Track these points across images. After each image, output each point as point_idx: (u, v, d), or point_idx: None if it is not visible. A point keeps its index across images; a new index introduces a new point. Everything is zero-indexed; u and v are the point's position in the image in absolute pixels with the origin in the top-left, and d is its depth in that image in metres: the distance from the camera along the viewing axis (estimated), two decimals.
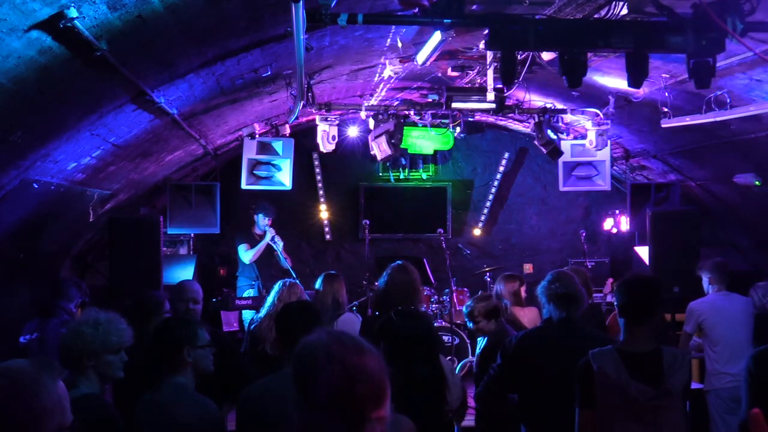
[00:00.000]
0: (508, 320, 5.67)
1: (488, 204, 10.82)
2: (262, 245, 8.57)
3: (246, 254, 8.62)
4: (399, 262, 5.20)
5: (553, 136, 8.00)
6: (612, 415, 3.45)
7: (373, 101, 8.11)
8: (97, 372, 3.25)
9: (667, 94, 6.04)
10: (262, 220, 8.72)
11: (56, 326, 5.13)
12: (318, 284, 5.70)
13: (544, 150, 8.11)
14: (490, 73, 6.59)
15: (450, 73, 6.98)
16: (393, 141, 7.64)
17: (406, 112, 8.01)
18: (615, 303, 3.67)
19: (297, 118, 7.00)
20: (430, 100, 8.08)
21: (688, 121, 6.07)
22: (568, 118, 7.94)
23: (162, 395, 3.28)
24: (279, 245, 8.41)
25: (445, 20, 4.22)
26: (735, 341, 5.77)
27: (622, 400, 3.41)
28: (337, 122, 7.71)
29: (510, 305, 5.72)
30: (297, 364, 1.74)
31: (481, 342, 5.19)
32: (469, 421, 5.97)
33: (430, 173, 10.69)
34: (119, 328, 3.34)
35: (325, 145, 7.72)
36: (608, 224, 10.05)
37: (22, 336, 5.14)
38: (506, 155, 10.77)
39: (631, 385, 3.38)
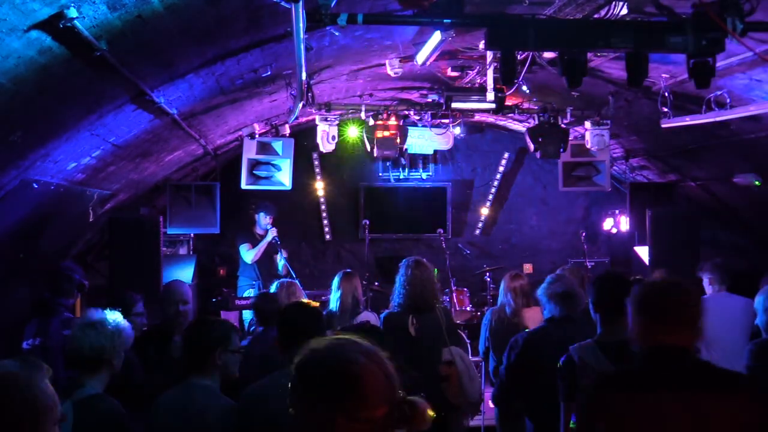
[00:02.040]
0: (511, 323, 5.69)
1: (488, 204, 10.82)
2: (263, 245, 8.59)
3: (248, 254, 8.64)
4: (414, 258, 5.26)
5: None
6: None
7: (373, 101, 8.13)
8: (112, 369, 3.29)
9: (666, 94, 6.04)
10: (264, 219, 8.73)
11: (57, 328, 5.08)
12: (336, 283, 5.71)
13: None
14: (490, 73, 6.59)
15: (450, 73, 6.98)
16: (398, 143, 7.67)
17: (406, 112, 8.02)
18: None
19: (297, 118, 7.00)
20: (430, 100, 8.08)
21: (688, 121, 6.07)
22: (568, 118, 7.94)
23: (190, 396, 3.27)
24: (283, 257, 8.45)
25: (444, 20, 4.22)
26: (731, 342, 5.76)
27: None
28: (337, 122, 7.72)
29: (516, 306, 5.73)
30: (294, 371, 1.76)
31: None
32: (474, 421, 6.00)
33: (430, 173, 10.69)
34: (127, 325, 3.43)
35: (325, 145, 7.72)
36: (608, 224, 10.06)
37: (24, 341, 5.10)
38: (506, 155, 10.77)
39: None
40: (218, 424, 3.19)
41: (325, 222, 10.51)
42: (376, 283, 9.12)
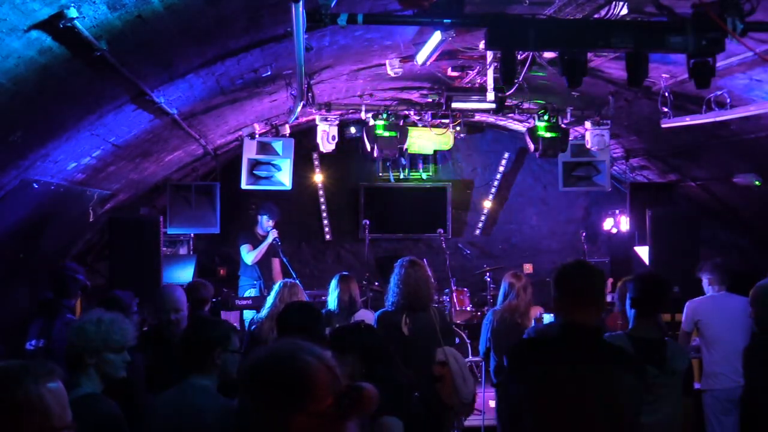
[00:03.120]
0: (514, 323, 5.69)
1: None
2: (263, 246, 8.61)
3: (248, 256, 8.65)
4: (409, 257, 5.32)
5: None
6: None
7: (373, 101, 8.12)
8: (99, 371, 3.25)
9: (666, 94, 6.04)
10: (266, 222, 8.75)
11: (60, 330, 5.07)
12: (333, 284, 5.81)
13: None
14: (490, 73, 6.58)
15: (450, 73, 6.98)
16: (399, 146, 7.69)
17: (406, 112, 8.02)
18: (628, 296, 4.03)
19: (297, 118, 7.00)
20: (430, 100, 8.08)
21: (688, 121, 6.07)
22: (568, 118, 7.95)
23: (188, 395, 3.25)
24: (284, 259, 8.52)
25: (445, 20, 4.22)
26: (731, 342, 5.76)
27: None
28: (337, 122, 7.72)
29: (525, 306, 5.74)
30: (244, 377, 1.84)
31: None
32: (471, 421, 6.00)
33: (430, 173, 10.68)
34: (122, 328, 3.35)
35: (325, 145, 7.72)
36: (608, 224, 10.05)
37: (27, 341, 5.10)
38: (506, 155, 10.77)
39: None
40: (216, 425, 3.18)
41: (325, 222, 10.51)
42: (376, 283, 9.13)
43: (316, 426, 1.74)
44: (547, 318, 6.36)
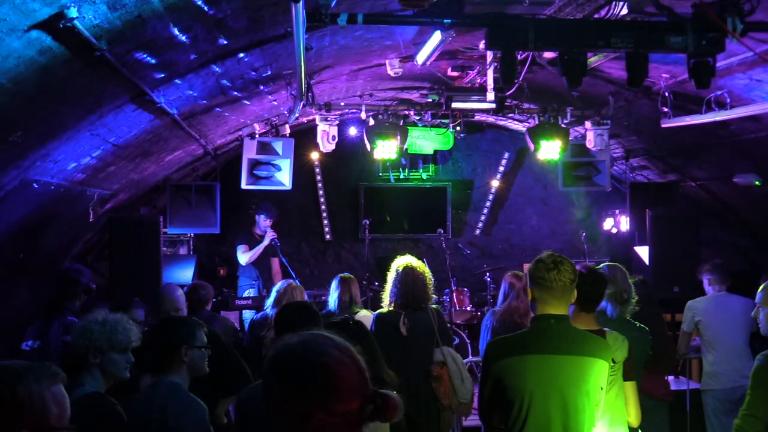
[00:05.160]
0: (515, 323, 5.69)
1: (488, 204, 10.82)
2: (259, 248, 8.60)
3: (243, 256, 8.65)
4: (406, 257, 5.34)
5: None
6: None
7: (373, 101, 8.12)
8: (102, 370, 3.27)
9: (666, 94, 6.04)
10: (263, 221, 8.74)
11: (57, 332, 5.06)
12: (334, 285, 5.83)
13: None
14: (490, 73, 6.58)
15: (450, 73, 6.98)
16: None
17: (406, 112, 8.02)
18: None
19: (297, 118, 7.00)
20: (430, 100, 8.08)
21: (688, 121, 6.07)
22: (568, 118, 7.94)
23: (156, 394, 3.27)
24: (283, 259, 8.54)
25: (445, 20, 4.23)
26: (731, 342, 5.77)
27: None
28: (337, 122, 7.72)
29: (526, 306, 5.74)
30: (267, 365, 1.77)
31: None
32: (470, 421, 6.00)
33: (430, 173, 10.68)
34: (126, 328, 3.39)
35: (325, 145, 7.72)
36: (608, 224, 10.05)
37: (24, 342, 5.10)
38: (506, 155, 10.77)
39: None
40: (178, 420, 3.18)
41: (325, 222, 10.51)
42: (376, 283, 9.13)
43: (336, 425, 1.68)
44: None
